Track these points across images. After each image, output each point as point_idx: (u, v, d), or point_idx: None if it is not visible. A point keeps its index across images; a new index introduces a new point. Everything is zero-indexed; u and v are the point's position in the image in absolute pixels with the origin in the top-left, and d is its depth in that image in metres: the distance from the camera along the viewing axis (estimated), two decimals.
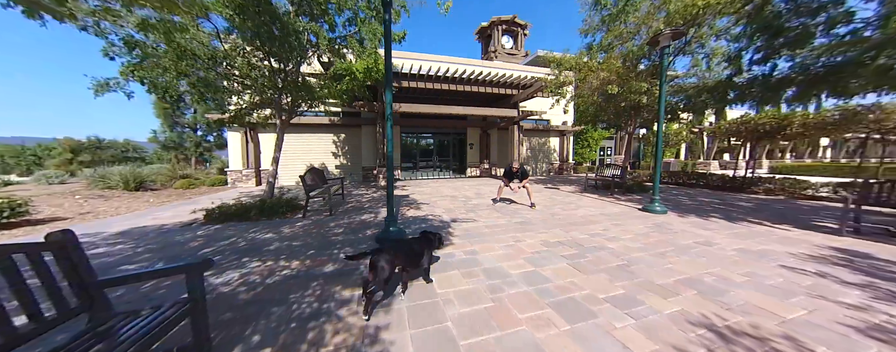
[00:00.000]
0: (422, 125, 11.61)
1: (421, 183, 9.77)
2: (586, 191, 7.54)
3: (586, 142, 15.62)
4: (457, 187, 8.35)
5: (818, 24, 4.45)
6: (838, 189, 6.46)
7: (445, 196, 6.68)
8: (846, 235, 3.49)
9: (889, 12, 3.80)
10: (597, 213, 4.78)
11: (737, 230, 3.73)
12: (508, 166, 5.47)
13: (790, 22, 4.60)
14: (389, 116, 3.25)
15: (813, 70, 4.34)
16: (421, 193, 7.31)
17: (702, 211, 4.97)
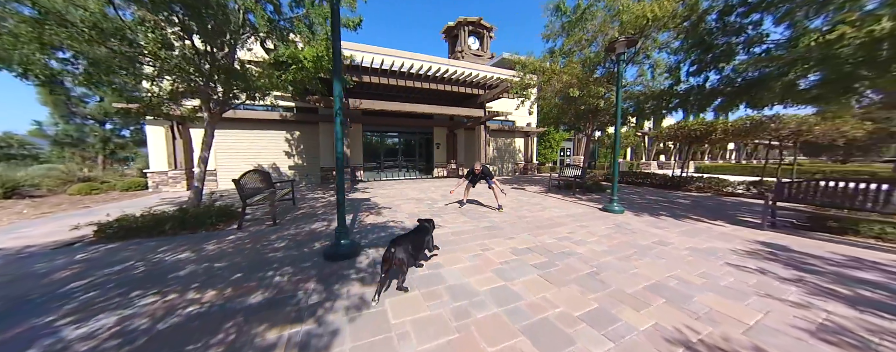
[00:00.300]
0: (386, 124, 11.02)
1: (385, 184, 9.21)
2: (550, 191, 7.72)
3: (549, 143, 16.35)
4: (423, 189, 7.99)
5: (739, 43, 4.99)
6: (750, 187, 7.47)
7: (410, 199, 6.29)
8: (767, 229, 3.89)
9: (796, 35, 4.37)
10: (563, 214, 4.81)
11: (684, 228, 3.97)
12: (471, 168, 5.25)
13: (718, 39, 5.12)
14: (338, 110, 2.79)
15: (736, 83, 4.85)
16: (384, 195, 6.82)
17: (652, 209, 5.30)
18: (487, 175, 5.09)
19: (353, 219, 4.40)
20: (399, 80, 8.27)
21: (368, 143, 11.60)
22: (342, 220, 2.86)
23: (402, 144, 12.39)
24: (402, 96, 10.31)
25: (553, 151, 16.55)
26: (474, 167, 5.14)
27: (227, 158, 8.76)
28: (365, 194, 7.01)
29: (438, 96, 10.84)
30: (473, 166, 5.19)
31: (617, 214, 4.84)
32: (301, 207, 5.41)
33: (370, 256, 2.81)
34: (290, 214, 4.83)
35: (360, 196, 6.71)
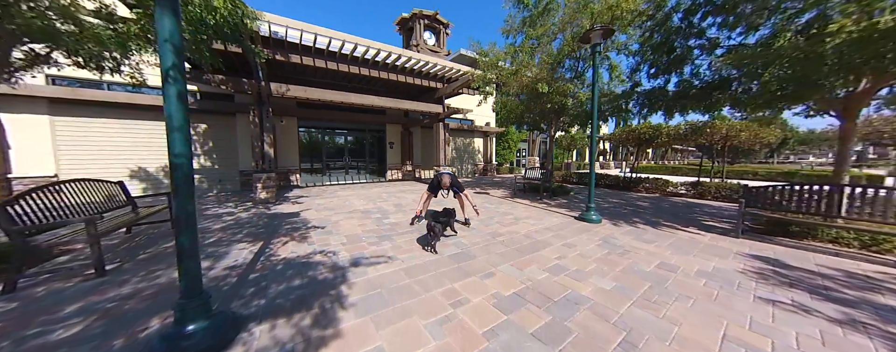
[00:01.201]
0: (330, 119, 9.29)
1: (327, 191, 7.58)
2: (516, 195, 7.13)
3: (507, 143, 16.25)
4: (373, 196, 6.66)
5: (699, 45, 4.96)
6: (690, 188, 7.98)
7: (354, 212, 4.95)
8: (742, 236, 3.71)
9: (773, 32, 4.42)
10: (540, 227, 4.08)
11: (670, 240, 3.55)
12: (436, 178, 4.13)
13: (679, 41, 5.03)
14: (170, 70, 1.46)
15: (695, 86, 4.78)
16: (321, 207, 5.33)
17: (624, 216, 4.96)
18: (457, 187, 4.10)
19: (260, 252, 2.96)
20: (340, 64, 6.77)
21: (309, 141, 9.68)
22: (192, 275, 1.53)
23: (350, 142, 10.73)
24: (347, 86, 8.74)
25: (511, 152, 16.53)
26: (441, 178, 4.04)
27: (83, 156, 6.13)
28: (295, 206, 5.41)
29: (392, 89, 9.54)
30: (439, 177, 4.08)
31: (595, 224, 4.32)
32: None
33: (262, 345, 1.54)
34: (156, 246, 3.13)
35: (286, 209, 5.11)
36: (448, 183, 4.00)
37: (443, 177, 4.00)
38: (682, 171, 16.79)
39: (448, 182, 4.00)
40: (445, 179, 3.99)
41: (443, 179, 4.00)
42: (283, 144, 8.59)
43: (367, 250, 3.02)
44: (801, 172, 13.36)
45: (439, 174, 4.09)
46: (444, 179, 3.99)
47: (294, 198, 6.38)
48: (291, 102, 8.49)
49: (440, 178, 4.05)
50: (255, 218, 4.46)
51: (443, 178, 4.00)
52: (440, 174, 4.08)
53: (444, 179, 3.99)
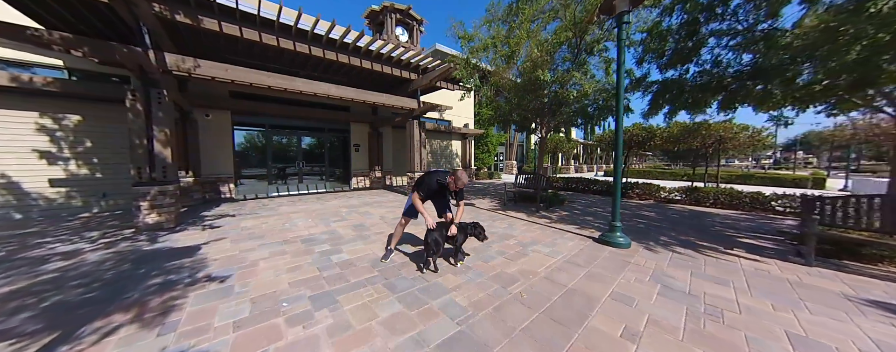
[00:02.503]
0: (277, 114, 7.49)
1: (268, 206, 5.81)
2: (507, 206, 5.99)
3: (486, 147, 15.32)
4: (328, 213, 5.09)
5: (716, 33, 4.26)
6: (686, 193, 7.50)
7: (292, 241, 3.40)
8: (815, 263, 2.86)
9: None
10: (559, 259, 2.91)
11: (736, 276, 2.57)
12: (437, 179, 2.67)
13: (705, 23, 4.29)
14: None
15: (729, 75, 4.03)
16: (245, 235, 3.67)
17: (645, 232, 4.01)
18: (461, 196, 2.77)
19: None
20: (283, 38, 5.15)
21: (251, 142, 7.74)
22: None
23: (306, 144, 8.92)
24: (300, 72, 7.04)
25: (490, 156, 15.62)
26: (457, 176, 2.60)
27: None
28: (203, 234, 3.68)
29: (356, 78, 8.01)
30: (445, 176, 2.68)
31: (625, 249, 3.27)
32: None
33: None
34: None
35: (185, 241, 3.37)
36: (456, 184, 2.60)
37: (459, 174, 2.57)
38: (653, 174, 17.14)
39: (464, 184, 2.59)
40: (463, 178, 2.56)
41: (459, 176, 2.56)
42: (210, 145, 6.63)
43: (281, 341, 1.57)
44: (769, 175, 14.04)
45: (439, 172, 2.71)
46: (462, 178, 2.56)
47: (211, 219, 4.58)
48: (221, 90, 6.60)
49: (447, 177, 2.63)
50: (112, 262, 2.72)
51: (459, 175, 2.56)
52: (442, 172, 2.70)
53: (462, 178, 2.56)
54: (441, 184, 2.66)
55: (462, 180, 2.57)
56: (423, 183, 2.67)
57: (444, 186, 2.66)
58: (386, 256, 2.82)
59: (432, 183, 2.66)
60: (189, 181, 5.91)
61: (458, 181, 2.58)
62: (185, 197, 5.84)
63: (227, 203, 6.20)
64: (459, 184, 2.58)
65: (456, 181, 2.58)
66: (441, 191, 2.73)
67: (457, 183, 2.58)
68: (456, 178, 2.58)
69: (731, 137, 6.97)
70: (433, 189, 2.69)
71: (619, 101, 3.29)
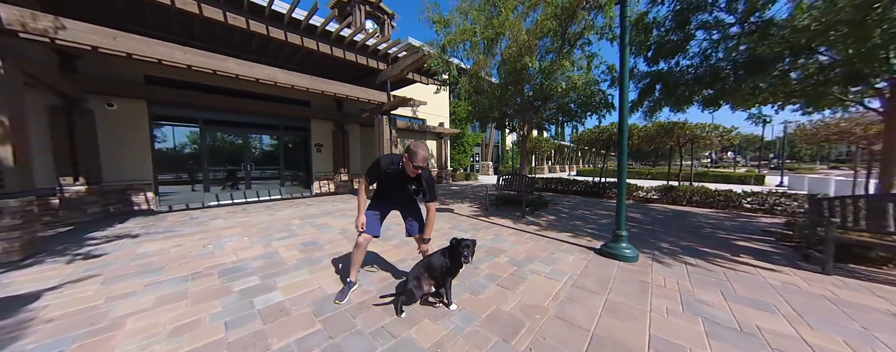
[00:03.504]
0: (216, 106, 6.19)
1: (196, 219, 4.59)
2: (490, 212, 5.38)
3: (462, 147, 14.79)
4: (272, 228, 4.07)
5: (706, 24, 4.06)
6: (660, 193, 7.53)
7: (201, 276, 2.42)
8: (832, 271, 2.59)
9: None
10: (564, 282, 2.31)
11: (763, 291, 2.18)
12: (390, 160, 1.96)
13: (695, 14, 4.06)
14: None
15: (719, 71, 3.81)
16: (136, 267, 2.58)
17: (644, 239, 3.62)
18: (429, 186, 1.98)
19: None
20: (233, 14, 4.05)
21: (196, 141, 6.28)
22: None
23: (256, 143, 7.60)
24: (245, 55, 5.83)
25: (466, 156, 15.13)
26: (415, 153, 1.80)
27: None
28: (75, 267, 2.53)
29: (317, 66, 6.96)
30: (399, 158, 1.93)
31: (634, 263, 2.79)
32: None
33: None
34: None
35: (43, 277, 2.23)
36: (423, 159, 1.80)
37: (413, 148, 1.79)
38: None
39: (423, 160, 1.80)
40: (420, 153, 1.79)
41: (414, 152, 1.79)
42: (116, 143, 5.19)
43: None
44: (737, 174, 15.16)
45: (394, 155, 2.00)
46: (418, 153, 1.79)
47: (98, 243, 3.35)
48: (132, 73, 5.21)
49: (404, 157, 1.86)
50: None
51: (413, 149, 1.79)
52: (397, 156, 1.96)
53: (418, 153, 1.79)
54: (394, 168, 1.92)
55: (419, 156, 1.78)
56: (372, 170, 2.02)
57: (399, 173, 1.92)
58: (342, 295, 2.01)
59: (382, 169, 1.95)
60: (79, 190, 4.48)
61: (413, 158, 1.78)
62: (73, 211, 4.42)
63: (139, 217, 4.84)
64: (417, 161, 1.78)
65: (412, 158, 1.79)
66: (398, 181, 1.97)
67: (413, 160, 1.78)
68: (411, 154, 1.79)
69: (704, 136, 7.11)
70: (384, 176, 1.98)
71: (624, 87, 2.81)
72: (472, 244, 1.82)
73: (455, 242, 1.84)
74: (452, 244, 1.85)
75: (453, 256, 1.84)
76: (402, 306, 1.83)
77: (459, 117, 14.42)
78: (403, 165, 1.88)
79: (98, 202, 4.75)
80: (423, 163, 1.81)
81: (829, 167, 35.83)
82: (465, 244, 1.79)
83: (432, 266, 1.90)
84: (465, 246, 1.79)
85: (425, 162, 1.82)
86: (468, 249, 1.79)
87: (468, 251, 1.79)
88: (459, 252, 1.79)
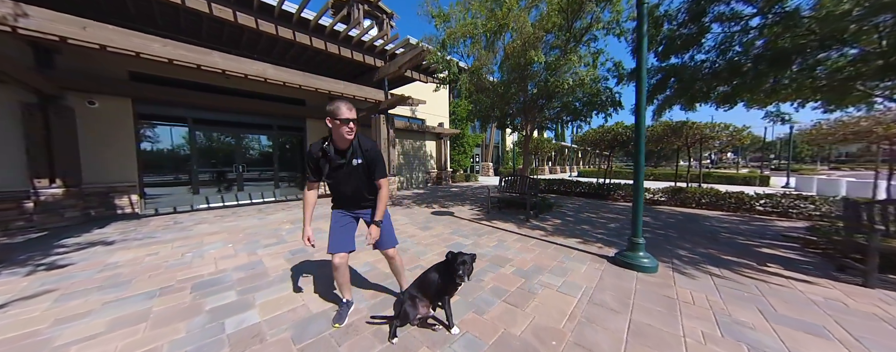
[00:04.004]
0: (206, 105, 5.94)
1: (181, 224, 4.33)
2: (492, 215, 5.12)
3: (462, 148, 14.54)
4: (260, 234, 3.80)
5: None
6: (667, 195, 7.28)
7: (172, 291, 2.15)
8: (876, 284, 2.34)
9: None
10: (579, 297, 2.05)
11: (805, 309, 1.93)
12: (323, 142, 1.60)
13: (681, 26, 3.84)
14: None
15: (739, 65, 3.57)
16: (101, 279, 2.31)
17: (661, 246, 3.37)
18: (374, 159, 1.62)
19: None
20: (218, 5, 3.80)
21: (183, 141, 6.02)
22: None
23: (249, 144, 7.33)
24: (234, 49, 5.58)
25: (467, 157, 14.87)
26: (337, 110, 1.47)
27: None
28: (31, 281, 2.26)
29: (311, 63, 6.71)
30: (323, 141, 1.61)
31: (653, 274, 2.53)
32: None
33: None
34: None
35: None
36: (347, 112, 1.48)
37: (336, 103, 1.49)
38: (623, 174, 17.65)
39: (348, 110, 1.48)
40: (342, 111, 1.47)
41: (335, 111, 1.47)
42: (98, 142, 4.93)
43: None
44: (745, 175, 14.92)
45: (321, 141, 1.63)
46: (339, 111, 1.47)
47: (67, 251, 3.08)
48: (115, 69, 4.95)
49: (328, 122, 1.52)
50: None
51: (337, 103, 1.48)
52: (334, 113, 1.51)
53: (339, 111, 1.47)
54: (320, 147, 1.58)
55: (341, 108, 1.45)
56: (307, 164, 1.68)
57: (336, 153, 1.57)
58: (340, 317, 1.72)
59: (312, 155, 1.61)
60: (56, 193, 4.21)
61: (336, 112, 1.45)
62: (49, 216, 4.14)
63: (120, 222, 4.57)
64: (341, 113, 1.44)
65: (334, 114, 1.45)
66: (338, 167, 1.58)
67: (336, 114, 1.44)
68: (331, 112, 1.46)
69: (714, 135, 6.87)
70: (321, 166, 1.59)
71: (641, 79, 2.56)
72: (471, 260, 1.55)
73: (451, 257, 1.58)
74: (448, 259, 1.60)
75: (448, 273, 1.58)
76: (397, 329, 1.57)
77: (459, 117, 14.17)
78: (330, 139, 1.56)
79: (77, 206, 4.48)
80: (349, 113, 1.45)
81: (830, 168, 35.71)
82: (461, 260, 1.52)
83: (426, 284, 1.64)
84: (462, 262, 1.52)
85: (352, 111, 1.47)
86: (465, 265, 1.51)
87: (465, 269, 1.51)
88: (455, 269, 1.52)
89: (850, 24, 2.65)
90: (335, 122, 1.48)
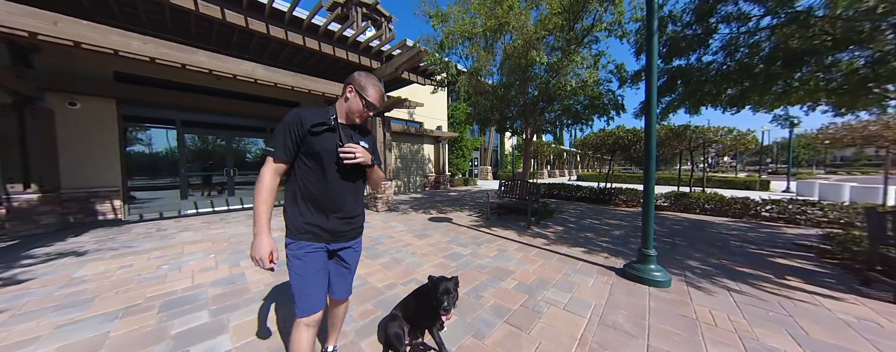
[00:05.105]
0: (196, 106, 5.75)
1: (164, 231, 4.10)
2: (491, 222, 4.93)
3: (461, 151, 14.38)
4: (246, 242, 3.59)
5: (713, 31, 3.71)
6: (670, 200, 7.11)
7: (138, 311, 1.94)
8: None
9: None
10: (589, 317, 1.85)
11: (833, 330, 1.74)
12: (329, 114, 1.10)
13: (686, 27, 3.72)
14: None
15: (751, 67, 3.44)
16: (59, 297, 2.09)
17: (670, 256, 3.18)
18: (374, 148, 1.23)
19: None
20: (205, 2, 3.62)
21: (168, 144, 5.79)
22: None
23: (240, 146, 7.12)
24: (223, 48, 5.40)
25: (465, 161, 14.71)
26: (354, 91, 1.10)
27: None
28: None
29: (306, 64, 6.55)
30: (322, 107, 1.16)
31: (666, 289, 2.34)
32: None
33: None
34: None
35: None
36: (379, 97, 1.13)
37: (367, 77, 1.12)
38: (622, 178, 17.55)
39: (380, 95, 1.13)
40: (376, 82, 1.13)
41: (368, 81, 1.11)
42: (80, 146, 4.70)
43: None
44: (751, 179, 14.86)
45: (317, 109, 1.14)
46: (374, 83, 1.12)
47: (34, 262, 2.85)
48: (97, 69, 4.75)
49: (347, 92, 1.12)
50: None
51: (367, 78, 1.11)
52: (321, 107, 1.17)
53: (374, 83, 1.12)
54: (327, 122, 1.08)
55: (368, 93, 1.09)
56: (282, 136, 1.06)
57: (343, 130, 1.12)
58: None
59: (306, 126, 1.06)
60: (31, 199, 3.98)
61: (365, 90, 1.09)
62: (22, 223, 3.90)
63: (101, 229, 4.33)
64: (370, 94, 1.09)
65: (363, 90, 1.09)
66: (333, 153, 1.08)
67: (365, 92, 1.09)
68: (359, 83, 1.10)
69: (718, 139, 6.75)
70: (304, 133, 1.06)
71: (652, 79, 2.40)
72: (454, 287, 1.33)
73: (432, 285, 1.35)
74: (428, 287, 1.37)
75: (427, 302, 1.34)
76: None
77: (458, 120, 14.05)
78: (343, 111, 1.12)
79: (54, 212, 4.24)
80: (376, 97, 1.10)
81: (826, 172, 35.89)
82: (444, 289, 1.28)
83: (409, 310, 1.46)
84: (445, 291, 1.28)
85: (381, 99, 1.12)
86: (449, 295, 1.28)
87: (449, 299, 1.27)
88: (439, 300, 1.28)
89: (866, 23, 2.52)
90: (360, 98, 1.08)
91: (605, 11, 4.86)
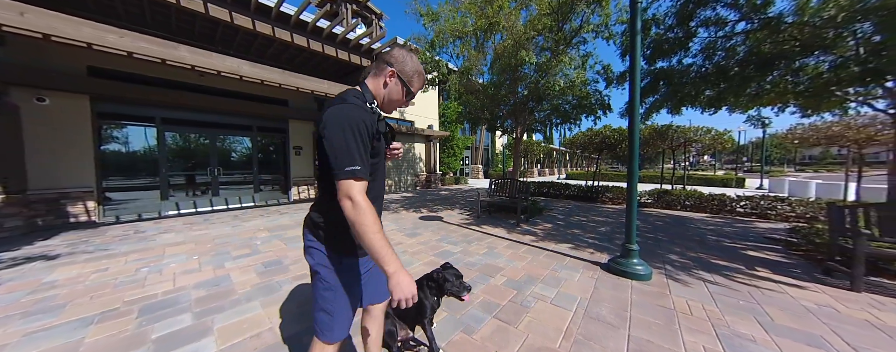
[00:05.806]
0: (177, 104, 5.52)
1: (143, 233, 3.94)
2: (481, 220, 4.99)
3: (452, 150, 14.41)
4: (231, 243, 3.50)
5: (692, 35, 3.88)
6: (653, 197, 7.40)
7: (115, 316, 1.87)
8: (864, 289, 2.34)
9: None
10: (577, 312, 1.92)
11: (800, 319, 1.88)
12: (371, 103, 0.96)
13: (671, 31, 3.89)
14: None
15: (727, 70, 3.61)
16: (27, 304, 1.99)
17: (650, 251, 3.32)
18: None
19: None
20: None
21: (148, 142, 5.54)
22: None
23: (226, 145, 6.90)
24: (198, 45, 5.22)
25: (456, 160, 14.76)
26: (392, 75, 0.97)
27: None
28: None
29: (294, 61, 6.42)
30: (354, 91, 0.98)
31: (647, 282, 2.45)
32: None
33: None
34: None
35: None
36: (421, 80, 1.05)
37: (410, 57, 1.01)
38: (607, 176, 18.03)
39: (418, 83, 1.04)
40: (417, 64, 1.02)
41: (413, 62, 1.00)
42: (49, 144, 4.45)
43: None
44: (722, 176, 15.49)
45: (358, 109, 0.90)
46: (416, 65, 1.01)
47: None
48: (70, 63, 4.50)
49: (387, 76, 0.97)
50: None
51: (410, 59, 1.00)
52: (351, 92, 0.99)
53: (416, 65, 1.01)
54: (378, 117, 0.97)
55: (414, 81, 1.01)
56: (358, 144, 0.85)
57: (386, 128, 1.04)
58: None
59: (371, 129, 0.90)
60: None
61: (412, 79, 1.00)
62: None
63: (73, 231, 4.12)
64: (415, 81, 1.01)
65: (411, 81, 1.00)
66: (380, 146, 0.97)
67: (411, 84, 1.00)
68: (404, 68, 0.98)
69: (697, 139, 7.04)
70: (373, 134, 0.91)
71: (635, 79, 2.49)
72: (452, 275, 1.46)
73: (440, 280, 1.45)
74: (419, 282, 1.46)
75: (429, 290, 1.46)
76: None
77: (449, 119, 14.07)
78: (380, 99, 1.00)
79: (20, 214, 4.00)
80: (419, 82, 1.01)
81: (796, 170, 38.02)
82: (450, 277, 1.44)
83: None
84: (450, 278, 1.43)
85: (421, 86, 1.04)
86: (458, 279, 1.44)
87: (461, 283, 1.42)
88: (455, 287, 1.42)
89: (830, 30, 2.70)
90: (402, 87, 0.96)
91: (592, 13, 5.00)
